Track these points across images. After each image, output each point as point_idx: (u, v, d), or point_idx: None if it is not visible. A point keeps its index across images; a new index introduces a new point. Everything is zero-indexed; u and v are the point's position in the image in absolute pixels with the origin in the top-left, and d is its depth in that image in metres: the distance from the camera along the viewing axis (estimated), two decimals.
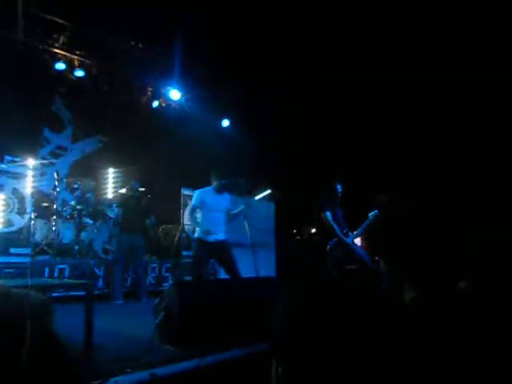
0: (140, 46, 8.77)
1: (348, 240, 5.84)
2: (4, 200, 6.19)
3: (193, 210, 5.48)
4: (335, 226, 5.79)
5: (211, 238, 5.28)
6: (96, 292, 6.07)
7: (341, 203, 6.19)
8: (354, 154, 9.43)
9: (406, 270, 1.07)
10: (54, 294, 4.54)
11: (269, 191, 9.81)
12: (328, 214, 5.88)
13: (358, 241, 7.84)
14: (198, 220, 5.42)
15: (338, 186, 6.11)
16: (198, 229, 5.41)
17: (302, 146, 9.71)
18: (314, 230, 11.22)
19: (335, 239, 5.79)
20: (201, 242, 5.30)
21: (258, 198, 9.69)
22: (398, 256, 1.10)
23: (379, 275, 1.20)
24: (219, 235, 5.37)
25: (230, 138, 9.93)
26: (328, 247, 5.79)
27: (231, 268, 5.33)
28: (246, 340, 3.62)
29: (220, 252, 5.38)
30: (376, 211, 6.03)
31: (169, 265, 7.42)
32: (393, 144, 8.92)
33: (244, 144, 9.46)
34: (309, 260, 6.56)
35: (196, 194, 5.50)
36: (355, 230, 6.09)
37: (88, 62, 8.58)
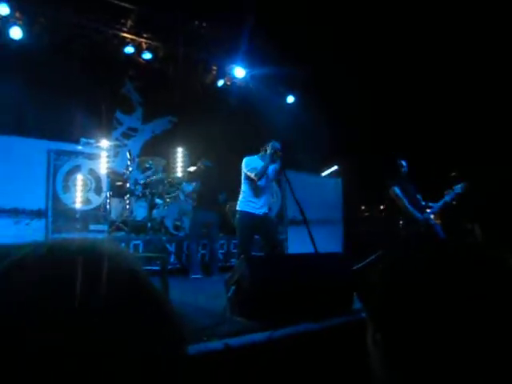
0: (204, 25, 8.83)
1: (420, 215, 5.61)
2: (82, 180, 6.53)
3: None
4: (406, 201, 5.59)
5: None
6: (169, 267, 6.29)
7: (411, 178, 5.96)
8: (425, 129, 9.01)
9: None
10: None
11: (336, 167, 9.64)
12: (396, 188, 5.70)
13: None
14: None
15: (403, 162, 5.89)
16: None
17: (369, 123, 9.41)
18: (382, 207, 10.94)
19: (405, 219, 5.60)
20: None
21: (325, 174, 9.56)
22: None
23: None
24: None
25: (296, 114, 9.82)
26: (401, 223, 5.62)
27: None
28: (318, 315, 3.60)
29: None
30: (457, 188, 5.74)
31: (236, 241, 7.52)
32: (463, 117, 8.44)
33: (310, 121, 9.32)
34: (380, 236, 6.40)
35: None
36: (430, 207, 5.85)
37: (155, 44, 8.78)
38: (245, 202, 5.30)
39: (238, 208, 5.38)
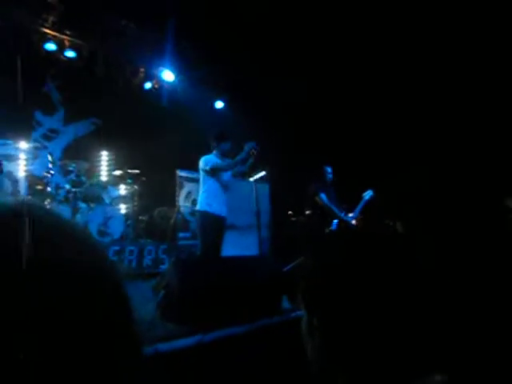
0: (132, 25, 8.64)
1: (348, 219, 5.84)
2: None
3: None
4: (333, 207, 5.79)
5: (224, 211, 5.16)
6: None
7: (334, 186, 6.18)
8: (349, 135, 9.41)
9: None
10: None
11: (264, 172, 9.77)
12: (322, 195, 5.88)
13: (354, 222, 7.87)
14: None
15: (328, 169, 6.10)
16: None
17: (296, 128, 9.66)
18: (308, 212, 11.24)
19: (336, 221, 5.78)
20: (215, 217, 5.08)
21: (253, 179, 9.65)
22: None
23: None
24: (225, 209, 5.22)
25: (224, 119, 9.86)
26: (328, 230, 5.79)
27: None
28: (247, 317, 3.64)
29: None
30: (370, 191, 6.06)
31: (165, 247, 7.41)
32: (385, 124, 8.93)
33: (238, 125, 9.40)
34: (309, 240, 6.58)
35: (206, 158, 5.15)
36: (351, 212, 6.10)
37: (79, 42, 8.45)
38: (206, 201, 5.08)
39: (199, 208, 5.13)
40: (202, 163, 5.16)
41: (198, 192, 5.36)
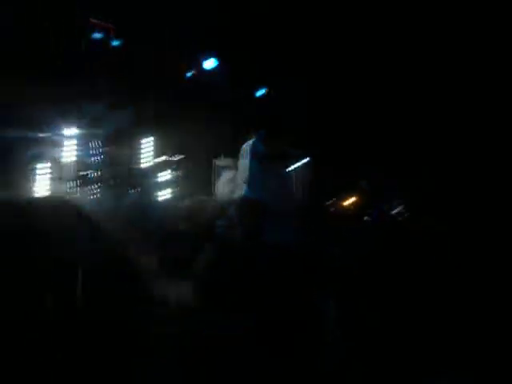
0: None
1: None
2: (46, 168, 6.39)
3: None
4: (376, 197, 5.71)
5: None
6: None
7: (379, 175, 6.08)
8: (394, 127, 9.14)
9: None
10: None
11: (305, 160, 9.65)
12: (365, 184, 5.82)
13: None
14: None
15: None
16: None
17: (341, 114, 9.47)
18: (349, 202, 11.06)
19: (376, 211, 5.69)
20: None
21: (294, 166, 9.56)
22: None
23: None
24: None
25: (264, 107, 9.79)
26: (369, 220, 5.71)
27: None
28: (274, 303, 3.65)
29: None
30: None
31: (202, 234, 7.49)
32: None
33: (280, 114, 9.33)
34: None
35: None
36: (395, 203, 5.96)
37: (124, 30, 8.59)
38: (248, 186, 5.20)
39: (240, 193, 5.30)
40: (249, 147, 5.18)
41: (236, 179, 5.38)
